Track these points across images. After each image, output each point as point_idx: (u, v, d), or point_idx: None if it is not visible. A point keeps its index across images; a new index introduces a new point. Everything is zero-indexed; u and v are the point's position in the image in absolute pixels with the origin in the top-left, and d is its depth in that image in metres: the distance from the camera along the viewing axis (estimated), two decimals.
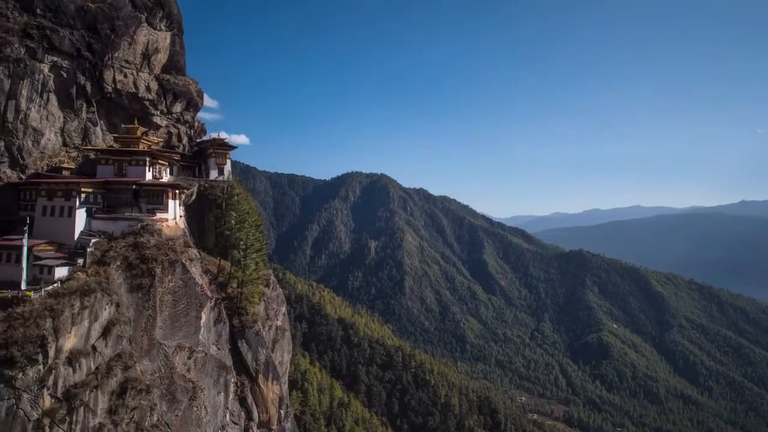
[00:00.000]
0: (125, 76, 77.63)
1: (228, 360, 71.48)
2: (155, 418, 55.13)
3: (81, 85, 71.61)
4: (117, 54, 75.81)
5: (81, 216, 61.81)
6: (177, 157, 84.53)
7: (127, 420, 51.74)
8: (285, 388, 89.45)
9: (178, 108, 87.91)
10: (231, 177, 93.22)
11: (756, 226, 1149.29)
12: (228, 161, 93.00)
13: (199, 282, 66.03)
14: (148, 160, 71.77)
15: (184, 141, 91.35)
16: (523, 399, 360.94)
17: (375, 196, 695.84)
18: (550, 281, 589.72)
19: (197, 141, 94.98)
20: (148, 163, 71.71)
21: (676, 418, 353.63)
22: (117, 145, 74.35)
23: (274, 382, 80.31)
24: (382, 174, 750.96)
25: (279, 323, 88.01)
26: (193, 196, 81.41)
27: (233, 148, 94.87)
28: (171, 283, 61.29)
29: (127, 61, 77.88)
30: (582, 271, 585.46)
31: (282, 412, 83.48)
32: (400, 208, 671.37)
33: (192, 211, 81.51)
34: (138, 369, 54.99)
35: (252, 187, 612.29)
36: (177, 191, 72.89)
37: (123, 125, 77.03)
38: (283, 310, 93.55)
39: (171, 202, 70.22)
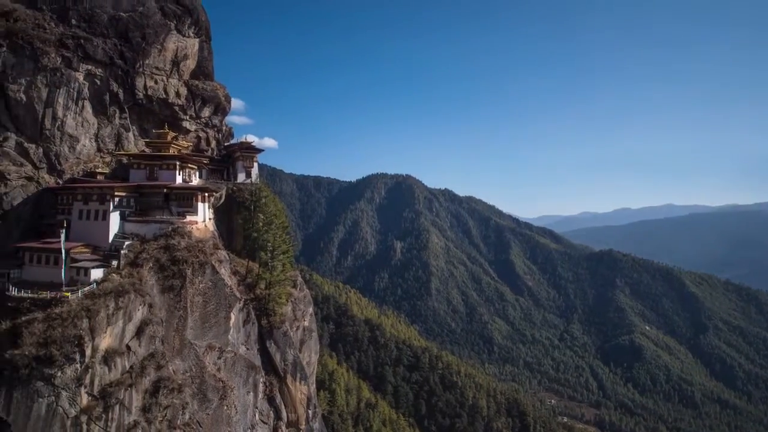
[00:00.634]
0: (156, 82, 79.62)
1: (257, 360, 72.46)
2: (187, 417, 56.31)
3: (114, 92, 73.81)
4: (148, 61, 77.85)
5: (115, 219, 63.61)
6: (206, 160, 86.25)
7: (161, 418, 53.00)
8: (313, 388, 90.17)
9: (206, 113, 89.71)
10: (258, 179, 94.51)
11: None
12: (255, 164, 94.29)
13: (228, 283, 67.16)
14: (178, 164, 73.44)
15: (213, 145, 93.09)
16: (552, 401, 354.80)
17: (400, 197, 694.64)
18: (579, 282, 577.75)
19: (225, 144, 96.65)
20: (178, 167, 73.39)
21: (712, 423, 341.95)
22: (148, 150, 76.36)
23: (302, 382, 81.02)
24: (407, 175, 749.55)
25: (306, 324, 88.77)
26: (222, 199, 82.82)
27: (260, 151, 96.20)
28: (201, 285, 62.53)
29: (157, 68, 79.87)
30: (612, 272, 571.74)
31: (310, 412, 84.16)
32: (425, 208, 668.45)
33: (221, 214, 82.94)
34: (170, 368, 56.26)
35: (279, 189, 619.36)
36: (206, 194, 74.29)
37: (154, 130, 79.09)
38: (310, 310, 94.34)
39: (200, 205, 71.62)
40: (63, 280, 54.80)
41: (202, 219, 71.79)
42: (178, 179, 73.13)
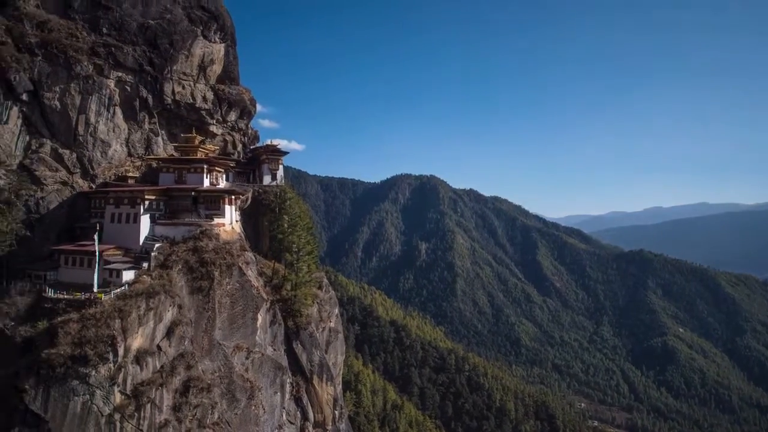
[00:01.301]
0: (183, 87, 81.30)
1: (283, 361, 73.08)
2: (216, 416, 57.14)
3: (143, 98, 75.72)
4: (175, 67, 79.56)
5: (145, 222, 65.15)
6: (232, 163, 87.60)
7: (190, 417, 53.92)
8: (339, 389, 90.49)
9: (232, 116, 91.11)
10: (283, 182, 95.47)
11: None
12: (280, 166, 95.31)
13: (255, 284, 67.97)
14: (205, 167, 74.78)
15: (239, 148, 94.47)
16: (582, 405, 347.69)
17: (425, 197, 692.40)
18: (609, 283, 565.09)
19: (251, 147, 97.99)
20: (205, 170, 74.72)
21: (751, 429, 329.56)
22: (177, 154, 77.98)
23: (329, 382, 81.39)
24: (431, 175, 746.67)
25: (332, 325, 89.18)
26: (248, 201, 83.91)
27: (285, 153, 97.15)
28: (228, 286, 63.43)
29: (184, 74, 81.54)
30: (643, 273, 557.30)
31: (336, 412, 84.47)
32: (450, 209, 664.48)
33: (247, 216, 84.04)
34: (199, 368, 57.21)
35: (304, 191, 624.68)
36: (233, 197, 75.41)
37: (182, 134, 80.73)
38: (336, 311, 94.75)
39: (227, 208, 72.75)
40: (96, 281, 56.31)
41: (229, 221, 72.88)
42: (206, 182, 74.44)
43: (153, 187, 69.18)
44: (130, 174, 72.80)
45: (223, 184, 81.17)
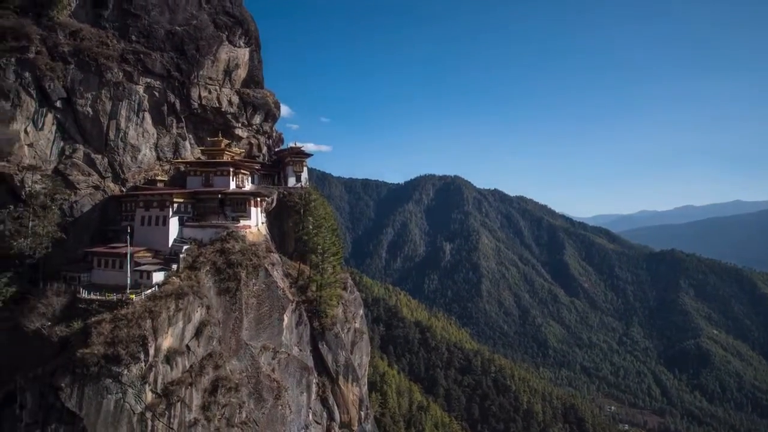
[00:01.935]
0: (209, 92, 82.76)
1: (309, 361, 73.57)
2: (244, 416, 57.87)
3: (171, 103, 77.39)
4: (202, 72, 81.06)
5: (174, 224, 66.52)
6: (257, 166, 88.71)
7: (219, 416, 54.73)
8: (364, 389, 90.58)
9: (257, 120, 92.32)
10: (308, 183, 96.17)
11: None
12: (305, 168, 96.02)
13: (281, 285, 68.63)
14: (231, 170, 75.98)
15: (264, 151, 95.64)
16: (612, 408, 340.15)
17: (449, 198, 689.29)
18: (639, 283, 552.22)
19: (275, 150, 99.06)
20: (231, 173, 75.94)
21: None
22: (204, 158, 79.42)
23: (354, 383, 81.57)
24: (455, 176, 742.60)
25: (357, 326, 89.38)
26: (273, 203, 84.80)
27: (309, 155, 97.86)
28: (255, 287, 64.20)
29: (210, 78, 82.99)
30: (675, 273, 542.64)
31: (362, 413, 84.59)
32: (474, 209, 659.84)
33: (272, 218, 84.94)
34: (227, 368, 58.04)
35: (328, 192, 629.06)
36: (258, 199, 76.34)
37: (208, 138, 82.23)
38: (361, 312, 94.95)
39: (253, 210, 73.69)
40: (127, 282, 57.70)
41: (255, 223, 73.78)
42: (232, 185, 75.60)
43: (181, 190, 70.56)
44: (159, 178, 74.43)
45: (248, 186, 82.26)
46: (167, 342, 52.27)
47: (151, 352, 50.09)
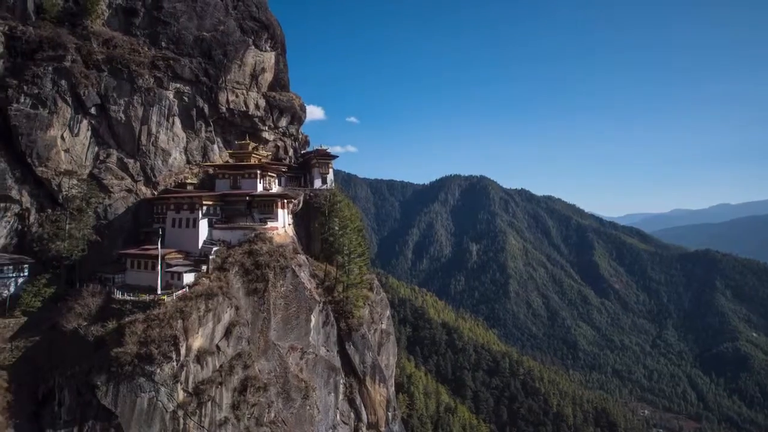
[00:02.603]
0: (237, 96, 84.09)
1: (336, 362, 73.81)
2: (273, 415, 58.41)
3: (200, 107, 79.01)
4: (229, 76, 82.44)
5: (203, 226, 67.74)
6: (284, 168, 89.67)
7: (248, 415, 55.39)
8: (392, 390, 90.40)
9: (283, 122, 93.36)
10: (333, 185, 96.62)
11: None
12: (330, 170, 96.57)
13: (308, 286, 69.10)
14: (258, 172, 76.96)
15: (290, 153, 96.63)
16: (645, 412, 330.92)
17: (475, 198, 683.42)
18: (673, 284, 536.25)
19: (301, 152, 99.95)
20: (258, 175, 76.92)
21: None
22: (231, 161, 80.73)
23: (381, 384, 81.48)
24: (481, 176, 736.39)
25: (384, 327, 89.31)
26: (300, 205, 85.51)
27: (335, 157, 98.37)
28: (282, 288, 64.79)
29: (237, 83, 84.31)
30: (711, 273, 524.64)
31: (389, 414, 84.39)
32: (501, 209, 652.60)
33: (299, 219, 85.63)
34: (256, 368, 58.70)
35: (353, 194, 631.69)
36: (285, 201, 77.10)
37: (236, 141, 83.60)
38: (388, 313, 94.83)
39: (280, 212, 74.45)
40: (159, 283, 59.02)
41: (282, 225, 74.51)
42: (259, 187, 76.58)
43: (210, 193, 71.88)
44: (189, 181, 76.01)
45: (275, 188, 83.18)
46: (198, 342, 53.20)
47: (183, 351, 51.05)
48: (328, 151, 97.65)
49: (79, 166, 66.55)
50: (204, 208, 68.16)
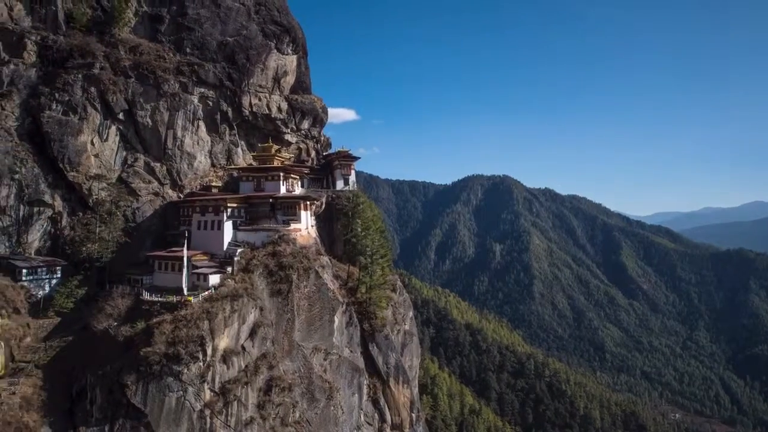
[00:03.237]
0: (259, 99, 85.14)
1: (360, 362, 73.96)
2: (297, 415, 58.83)
3: (224, 111, 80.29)
4: (252, 80, 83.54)
5: (228, 228, 68.72)
6: (306, 170, 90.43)
7: (274, 415, 55.91)
8: (415, 392, 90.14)
9: (305, 125, 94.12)
10: (356, 186, 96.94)
11: None
12: (352, 171, 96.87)
13: (331, 287, 69.44)
14: (281, 175, 77.73)
15: (312, 155, 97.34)
16: (676, 416, 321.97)
17: (498, 198, 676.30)
18: (704, 284, 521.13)
19: (324, 154, 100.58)
20: (281, 177, 77.69)
21: None
22: (255, 163, 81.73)
23: (405, 385, 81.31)
24: (504, 175, 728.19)
25: (407, 327, 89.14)
26: (322, 206, 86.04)
27: (356, 158, 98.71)
28: (306, 289, 65.24)
29: (260, 86, 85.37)
30: (744, 273, 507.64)
31: (413, 415, 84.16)
32: (525, 209, 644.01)
33: (322, 220, 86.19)
34: (281, 368, 59.21)
35: (376, 195, 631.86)
36: (308, 202, 77.68)
37: (259, 144, 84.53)
38: (411, 314, 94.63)
39: (303, 213, 75.04)
40: (185, 285, 60.06)
41: (305, 226, 75.07)
42: (282, 189, 77.32)
43: (234, 195, 72.96)
44: (214, 183, 77.28)
45: (298, 190, 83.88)
46: (224, 342, 53.95)
47: (209, 351, 51.84)
48: (349, 152, 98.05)
49: (108, 171, 68.34)
50: (228, 210, 69.13)
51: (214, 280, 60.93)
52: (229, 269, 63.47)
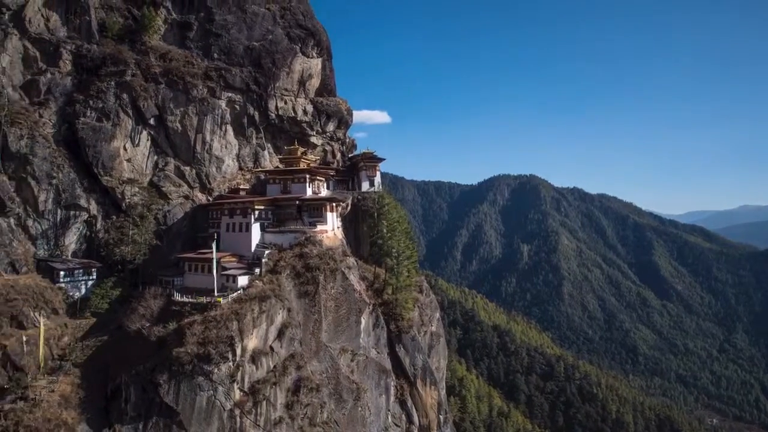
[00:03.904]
0: (285, 102, 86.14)
1: (387, 364, 73.89)
2: (325, 416, 59.14)
3: (250, 115, 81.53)
4: (278, 84, 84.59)
5: (256, 230, 69.67)
6: (332, 172, 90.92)
7: (302, 415, 56.35)
8: (443, 393, 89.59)
9: (330, 127, 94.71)
10: (381, 187, 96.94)
11: None
12: (378, 173, 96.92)
13: (357, 289, 69.60)
14: (307, 177, 78.40)
15: (338, 157, 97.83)
16: (714, 421, 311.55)
17: (525, 198, 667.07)
18: (742, 285, 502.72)
19: (349, 156, 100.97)
20: (307, 179, 78.34)
21: None
22: (281, 166, 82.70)
23: (432, 387, 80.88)
24: (531, 175, 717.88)
25: (434, 329, 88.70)
26: (348, 208, 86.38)
27: (382, 160, 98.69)
28: (333, 290, 65.58)
29: (286, 89, 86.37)
30: None
31: (441, 417, 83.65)
32: (552, 209, 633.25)
33: (347, 222, 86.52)
34: (309, 369, 59.63)
35: (401, 196, 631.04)
36: (334, 204, 78.10)
37: (285, 147, 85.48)
38: (437, 315, 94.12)
39: (329, 215, 75.46)
40: (215, 286, 61.11)
41: (331, 228, 75.48)
42: (308, 191, 77.96)
43: (262, 198, 73.90)
44: (241, 186, 78.53)
45: (324, 192, 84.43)
46: (252, 343, 54.64)
47: (238, 352, 52.58)
48: (374, 154, 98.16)
49: (140, 175, 70.20)
50: (256, 212, 70.09)
51: (243, 281, 61.81)
52: (257, 271, 64.29)
